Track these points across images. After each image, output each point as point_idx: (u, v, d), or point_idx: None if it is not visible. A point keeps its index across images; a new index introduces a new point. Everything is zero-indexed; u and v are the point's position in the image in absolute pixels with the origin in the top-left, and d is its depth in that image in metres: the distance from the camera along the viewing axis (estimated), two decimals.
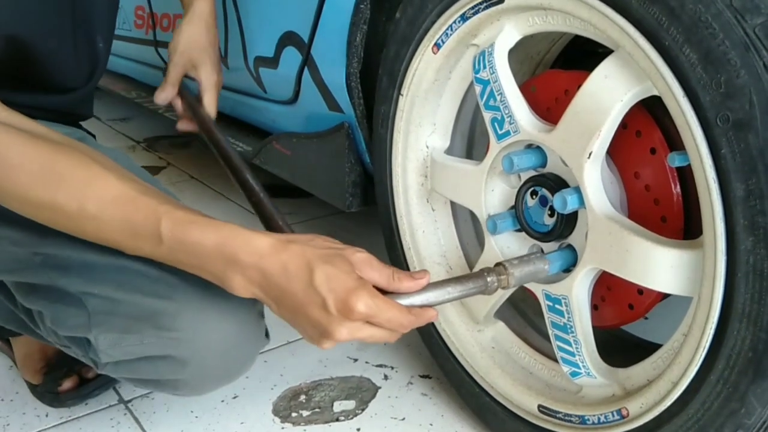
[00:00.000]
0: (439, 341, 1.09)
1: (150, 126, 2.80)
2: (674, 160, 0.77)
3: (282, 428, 1.11)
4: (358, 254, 0.74)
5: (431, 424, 1.11)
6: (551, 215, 0.88)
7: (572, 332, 0.87)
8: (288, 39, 1.27)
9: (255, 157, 1.52)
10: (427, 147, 1.05)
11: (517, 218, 0.93)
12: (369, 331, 0.73)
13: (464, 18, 0.91)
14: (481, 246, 1.02)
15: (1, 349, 1.28)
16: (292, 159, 1.38)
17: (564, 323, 0.88)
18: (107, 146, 1.07)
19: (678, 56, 0.66)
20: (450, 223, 1.10)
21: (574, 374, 0.89)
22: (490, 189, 0.95)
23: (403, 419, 1.12)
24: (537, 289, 0.90)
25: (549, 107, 0.89)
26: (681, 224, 0.80)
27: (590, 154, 0.78)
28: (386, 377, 1.22)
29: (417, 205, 1.09)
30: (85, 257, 0.86)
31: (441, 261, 1.10)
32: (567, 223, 0.86)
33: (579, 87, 0.79)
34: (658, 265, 0.75)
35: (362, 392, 1.19)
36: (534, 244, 0.93)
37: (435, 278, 0.79)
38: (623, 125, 0.80)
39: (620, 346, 1.01)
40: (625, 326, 0.93)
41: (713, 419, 0.73)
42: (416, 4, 0.96)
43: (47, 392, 1.16)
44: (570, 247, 0.88)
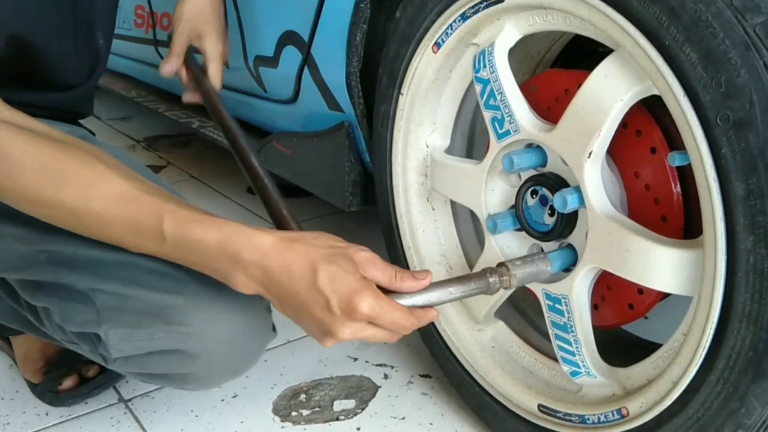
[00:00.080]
0: (439, 341, 1.09)
1: (150, 125, 2.80)
2: (674, 160, 0.76)
3: (282, 427, 1.11)
4: (362, 253, 0.74)
5: (431, 424, 1.11)
6: (551, 215, 0.88)
7: (572, 332, 0.87)
8: (288, 38, 1.27)
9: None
10: (427, 146, 1.05)
11: (517, 217, 0.93)
12: (371, 332, 0.74)
13: (464, 17, 0.91)
14: (481, 245, 1.02)
15: (2, 348, 1.28)
16: (292, 158, 1.38)
17: (564, 323, 0.88)
18: (108, 145, 1.07)
19: (678, 55, 0.66)
20: (450, 223, 1.10)
21: (574, 374, 0.89)
22: (490, 188, 0.95)
23: (403, 418, 1.12)
24: (537, 289, 0.90)
25: (549, 106, 0.89)
26: (681, 224, 0.80)
27: (590, 154, 0.78)
28: (386, 376, 1.22)
29: (417, 205, 1.09)
30: (92, 254, 0.86)
31: (441, 260, 1.10)
32: (567, 223, 0.86)
33: (579, 86, 0.79)
34: (658, 265, 0.75)
35: (362, 391, 1.19)
36: (534, 244, 0.93)
37: (435, 278, 0.79)
38: (623, 124, 0.80)
39: (620, 346, 1.01)
40: (625, 326, 0.93)
41: (713, 419, 0.73)
42: (416, 4, 0.96)
43: (47, 391, 1.16)
44: (570, 247, 0.88)
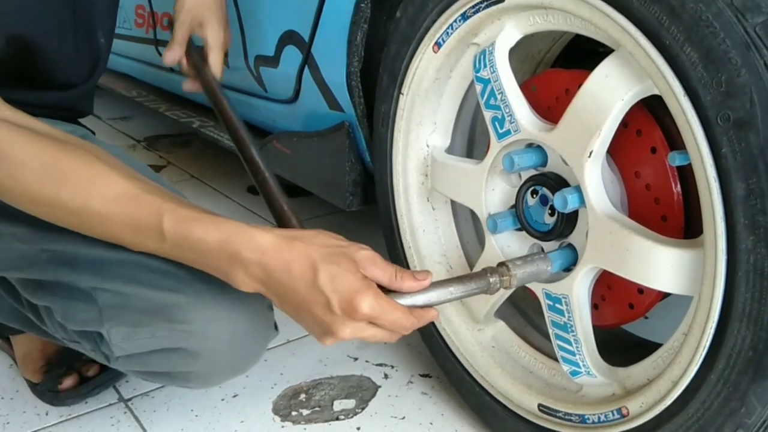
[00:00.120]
0: (440, 340, 1.09)
1: (150, 125, 2.80)
2: (675, 159, 0.77)
3: (282, 427, 1.11)
4: (362, 252, 0.74)
5: (431, 423, 1.11)
6: (552, 214, 0.88)
7: (572, 331, 0.87)
8: (288, 38, 1.27)
9: None
10: (428, 146, 1.05)
11: (518, 217, 0.93)
12: (371, 332, 0.74)
13: (465, 17, 0.91)
14: (482, 245, 1.02)
15: (2, 348, 1.28)
16: (293, 158, 1.38)
17: (564, 322, 0.88)
18: (109, 144, 1.07)
19: (679, 55, 0.66)
20: (450, 222, 1.10)
21: (575, 373, 0.89)
22: (491, 188, 0.95)
23: (404, 418, 1.12)
24: (537, 288, 0.90)
25: (550, 106, 0.89)
26: (681, 223, 0.80)
27: (591, 153, 0.78)
28: (386, 376, 1.22)
29: (417, 204, 1.09)
30: (93, 253, 0.87)
31: (441, 260, 1.10)
32: (567, 222, 0.86)
33: (580, 86, 0.79)
34: (659, 265, 0.75)
35: (362, 391, 1.19)
36: (534, 243, 0.93)
37: (435, 277, 0.79)
38: (624, 124, 0.80)
39: (620, 346, 1.01)
40: (626, 325, 0.93)
41: (713, 418, 0.73)
42: (417, 3, 0.96)
43: (47, 391, 1.16)
44: (570, 247, 0.88)
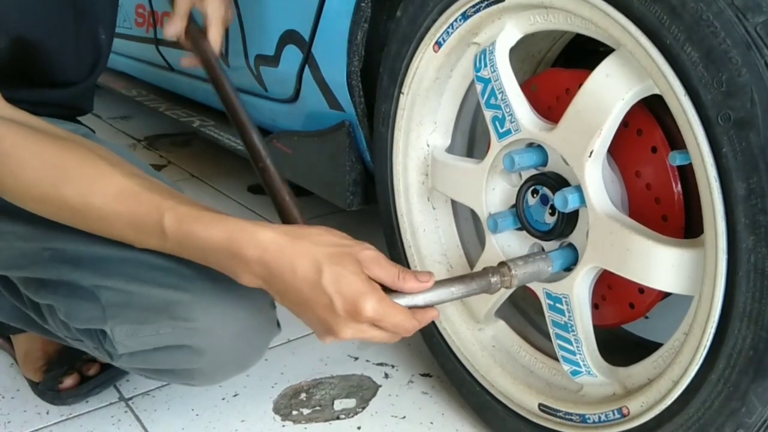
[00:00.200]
0: (440, 340, 1.09)
1: (151, 124, 2.80)
2: (675, 159, 0.76)
3: (282, 426, 1.11)
4: (367, 252, 0.74)
5: (432, 423, 1.11)
6: (552, 214, 0.88)
7: (573, 331, 0.87)
8: (289, 37, 1.27)
9: None
10: (428, 145, 1.05)
11: (518, 217, 0.93)
12: (372, 333, 0.74)
13: (465, 16, 0.90)
14: (482, 244, 1.02)
15: (2, 347, 1.28)
16: (293, 157, 1.38)
17: (565, 322, 0.88)
18: (110, 142, 1.07)
19: (679, 55, 0.66)
20: (451, 222, 1.10)
21: (575, 373, 0.89)
22: (491, 187, 0.95)
23: (404, 418, 1.12)
24: (538, 288, 0.90)
25: (550, 106, 0.89)
26: (682, 223, 0.80)
27: (591, 153, 0.78)
28: (387, 376, 1.23)
29: (418, 204, 1.09)
30: (96, 250, 0.87)
31: (442, 259, 1.10)
32: (568, 222, 0.86)
33: (580, 86, 0.79)
34: (659, 264, 0.75)
35: (363, 391, 1.19)
36: (535, 243, 0.93)
37: (436, 277, 0.79)
38: (624, 124, 0.80)
39: (621, 345, 1.01)
40: (626, 325, 0.93)
41: (714, 418, 0.73)
42: (417, 3, 0.96)
43: (48, 390, 1.16)
44: (571, 246, 0.88)
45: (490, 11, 0.87)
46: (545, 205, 0.89)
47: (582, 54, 1.00)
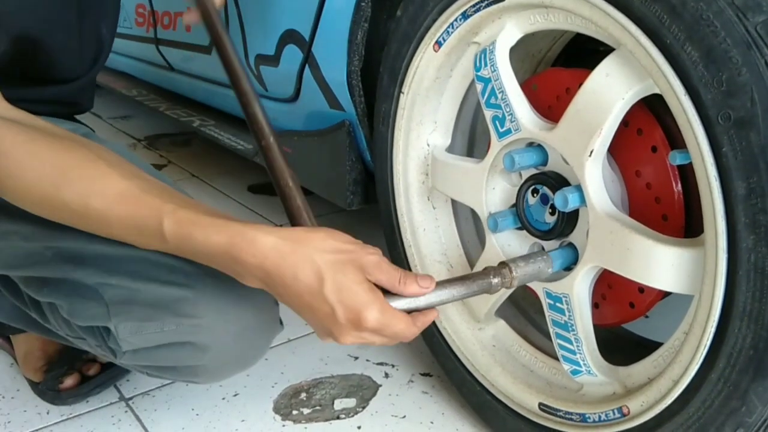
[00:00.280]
0: (440, 339, 1.09)
1: (151, 124, 2.80)
2: (675, 158, 0.76)
3: (283, 426, 1.11)
4: (370, 257, 0.74)
5: (432, 422, 1.11)
6: (552, 213, 0.88)
7: (573, 330, 0.87)
8: (289, 37, 1.27)
9: (256, 155, 1.52)
10: (428, 145, 1.05)
11: (518, 216, 0.93)
12: (372, 339, 0.74)
13: (465, 16, 0.90)
14: (482, 244, 1.02)
15: (2, 347, 1.28)
16: (293, 157, 1.38)
17: (565, 321, 0.88)
18: (111, 142, 1.07)
19: (679, 54, 0.66)
20: (451, 221, 1.10)
21: (575, 372, 0.89)
22: (491, 187, 0.95)
23: (404, 417, 1.12)
24: (538, 288, 0.90)
25: (550, 105, 0.89)
26: (682, 222, 0.80)
27: (591, 152, 0.78)
28: (387, 375, 1.23)
29: (418, 203, 1.09)
30: (98, 249, 0.87)
31: (442, 259, 1.10)
32: (568, 222, 0.86)
33: (580, 85, 0.79)
34: (659, 264, 0.75)
35: (363, 390, 1.19)
36: (535, 243, 0.93)
37: (436, 276, 0.79)
38: (624, 123, 0.80)
39: (621, 345, 1.01)
40: (626, 324, 0.93)
41: (714, 417, 0.73)
42: (417, 2, 0.96)
43: (48, 390, 1.16)
44: (571, 246, 0.88)
45: (490, 11, 0.87)
46: (545, 205, 0.89)
47: (582, 53, 1.00)
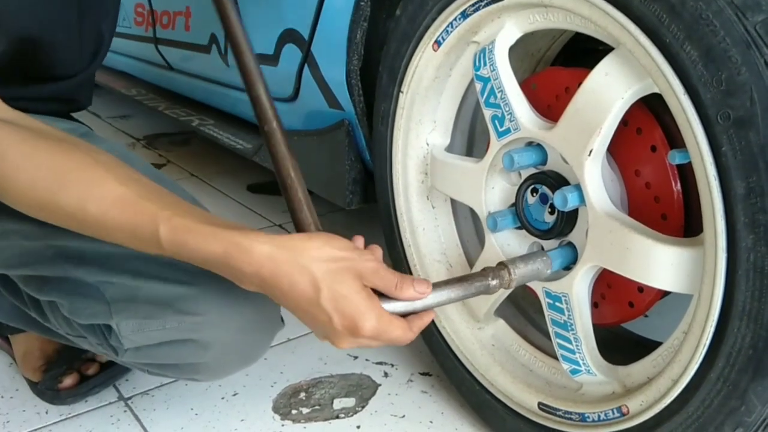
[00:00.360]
0: (440, 339, 1.09)
1: (150, 123, 2.80)
2: (675, 158, 0.76)
3: (282, 425, 1.11)
4: (367, 264, 0.74)
5: (431, 422, 1.11)
6: (551, 213, 0.88)
7: (572, 330, 0.87)
8: (288, 36, 1.27)
9: (255, 155, 1.52)
10: (428, 144, 1.05)
11: (518, 216, 0.93)
12: (369, 343, 0.75)
13: (465, 15, 0.90)
14: (482, 243, 1.02)
15: (1, 347, 1.28)
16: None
17: (564, 321, 0.88)
18: (110, 141, 1.07)
19: (679, 53, 0.66)
20: (450, 221, 1.10)
21: (575, 372, 0.89)
22: (491, 186, 0.95)
23: (403, 417, 1.12)
24: (537, 287, 0.90)
25: (549, 105, 0.89)
26: (681, 222, 0.80)
27: (591, 152, 0.78)
28: (386, 375, 1.23)
29: (417, 203, 1.09)
30: (100, 247, 0.87)
31: (441, 258, 1.10)
32: (567, 221, 0.86)
33: (580, 84, 0.79)
34: (659, 263, 0.75)
35: (362, 390, 1.19)
36: (534, 242, 0.93)
37: (436, 276, 0.79)
38: (624, 122, 0.80)
39: (620, 344, 1.01)
40: (626, 324, 0.93)
41: (713, 417, 0.73)
42: (417, 2, 0.96)
43: (47, 389, 1.16)
44: (570, 245, 0.88)
45: (490, 10, 0.87)
46: (545, 204, 0.89)
47: (581, 53, 1.00)
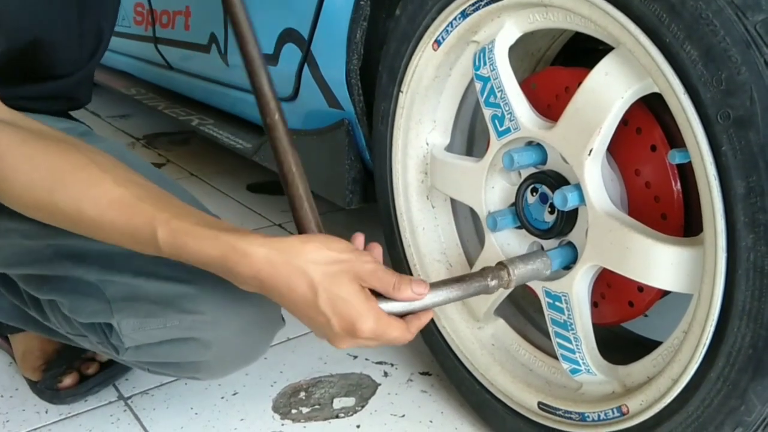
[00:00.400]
0: (439, 338, 1.09)
1: (150, 123, 2.80)
2: (675, 157, 0.76)
3: (282, 425, 1.11)
4: (365, 266, 0.74)
5: (431, 421, 1.11)
6: (551, 212, 0.88)
7: (572, 329, 0.87)
8: (288, 36, 1.27)
9: (255, 154, 1.52)
10: (427, 144, 1.05)
11: (518, 215, 0.93)
12: (368, 344, 0.75)
13: (464, 15, 0.90)
14: (481, 243, 1.02)
15: (0, 346, 1.28)
16: None
17: (564, 320, 0.88)
18: (111, 141, 1.06)
19: (679, 53, 0.66)
20: (450, 221, 1.10)
21: (574, 371, 0.89)
22: (491, 186, 0.95)
23: (403, 416, 1.12)
24: (537, 287, 0.90)
25: (549, 104, 0.89)
26: (681, 221, 0.80)
27: (591, 151, 0.78)
28: (386, 374, 1.23)
29: (417, 203, 1.09)
30: (100, 246, 0.86)
31: (441, 258, 1.10)
32: (567, 221, 0.86)
33: (579, 84, 0.79)
34: (659, 263, 0.75)
35: (362, 389, 1.19)
36: (534, 242, 0.93)
37: (435, 276, 0.79)
38: (624, 122, 0.80)
39: (620, 344, 1.01)
40: (626, 323, 0.93)
41: (713, 416, 0.73)
42: (417, 1, 0.96)
43: (47, 389, 1.16)
44: (570, 245, 0.88)
45: (490, 9, 0.87)
46: (544, 204, 0.89)
47: (581, 52, 1.00)
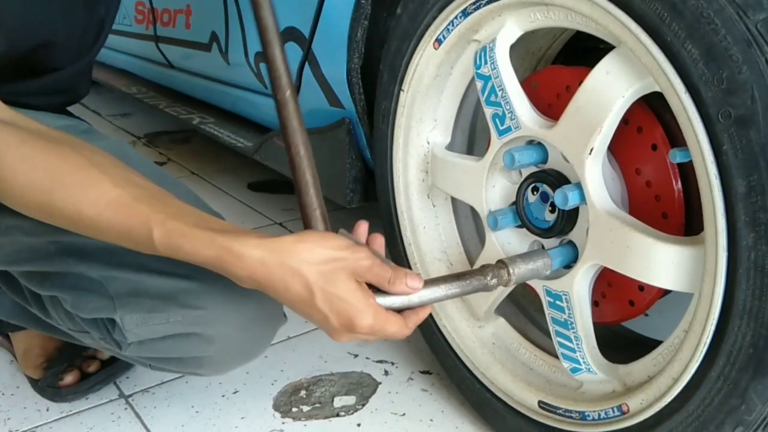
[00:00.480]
0: (440, 337, 1.09)
1: (150, 122, 2.80)
2: (675, 156, 0.76)
3: (282, 423, 1.11)
4: (360, 262, 0.74)
5: (431, 420, 1.11)
6: (552, 211, 0.88)
7: (573, 328, 0.87)
8: (289, 34, 1.27)
9: (256, 153, 1.52)
10: (428, 143, 1.05)
11: (518, 214, 0.93)
12: (367, 338, 0.76)
13: (465, 13, 0.90)
14: (482, 242, 1.02)
15: (2, 344, 1.28)
16: None
17: (564, 319, 0.88)
18: (112, 139, 1.06)
19: (680, 52, 0.66)
20: (451, 219, 1.10)
21: (575, 370, 0.89)
22: (491, 185, 0.95)
23: (404, 415, 1.12)
24: (538, 285, 0.90)
25: (550, 103, 0.89)
26: (682, 220, 0.80)
27: (591, 150, 0.78)
28: (387, 373, 1.23)
29: (418, 201, 1.09)
30: (101, 242, 0.86)
31: (442, 257, 1.10)
32: (568, 220, 0.86)
33: (580, 83, 0.79)
34: (659, 262, 0.75)
35: (363, 388, 1.19)
36: (535, 240, 0.93)
37: (436, 275, 0.79)
38: (624, 121, 0.80)
39: (621, 343, 1.01)
40: (626, 322, 0.93)
41: (713, 415, 0.73)
42: (418, 0, 0.96)
43: (48, 387, 1.16)
44: (571, 244, 0.88)
45: (491, 8, 0.87)
46: (545, 203, 0.89)
47: (582, 51, 1.00)
